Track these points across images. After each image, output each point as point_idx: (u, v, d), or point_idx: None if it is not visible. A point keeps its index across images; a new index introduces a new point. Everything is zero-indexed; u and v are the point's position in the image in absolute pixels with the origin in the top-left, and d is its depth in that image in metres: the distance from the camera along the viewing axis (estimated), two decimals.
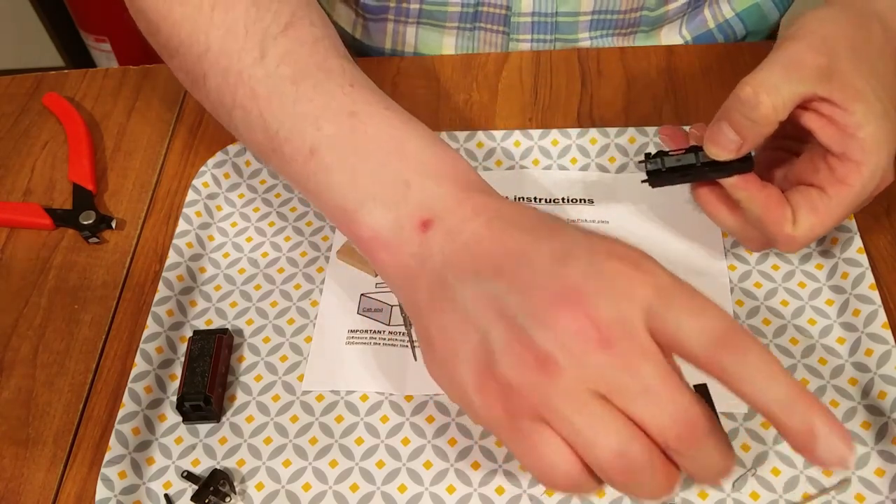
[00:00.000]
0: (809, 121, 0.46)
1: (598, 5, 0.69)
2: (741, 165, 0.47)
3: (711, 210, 0.51)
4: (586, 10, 0.70)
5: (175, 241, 0.59)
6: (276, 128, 0.47)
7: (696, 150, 0.48)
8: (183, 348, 0.55)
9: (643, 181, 0.49)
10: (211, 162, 0.63)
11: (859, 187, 0.46)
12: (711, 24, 0.73)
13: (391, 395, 0.52)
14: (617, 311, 0.36)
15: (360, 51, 0.78)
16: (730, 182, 0.48)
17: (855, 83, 0.45)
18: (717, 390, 0.50)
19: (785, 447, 0.48)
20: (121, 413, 0.51)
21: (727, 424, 0.48)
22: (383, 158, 0.44)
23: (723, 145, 0.47)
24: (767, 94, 0.45)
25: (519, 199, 0.59)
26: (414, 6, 0.72)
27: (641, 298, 0.36)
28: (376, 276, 0.57)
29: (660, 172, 0.49)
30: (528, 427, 0.36)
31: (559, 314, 0.36)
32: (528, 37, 0.71)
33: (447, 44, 0.74)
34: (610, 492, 0.47)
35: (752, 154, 0.48)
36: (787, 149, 0.52)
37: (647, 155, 0.49)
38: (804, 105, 0.46)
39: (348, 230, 0.45)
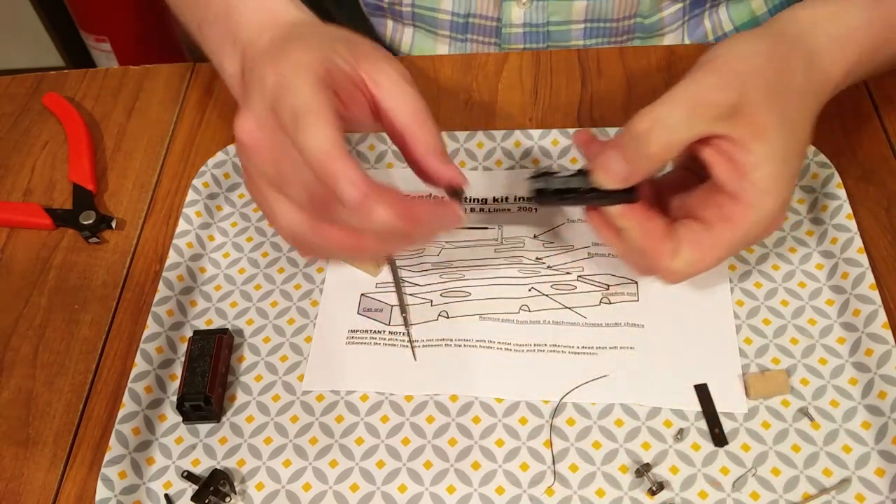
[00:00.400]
0: (707, 155, 0.45)
1: (590, 14, 0.69)
2: (626, 196, 0.46)
3: (598, 231, 0.50)
4: (578, 18, 0.70)
5: (175, 241, 0.59)
6: (188, 16, 0.58)
7: (585, 173, 0.47)
8: (183, 348, 0.55)
9: (528, 198, 0.48)
10: (211, 162, 0.63)
11: (747, 228, 0.45)
12: (710, 38, 0.73)
13: (391, 395, 0.52)
14: (260, 112, 0.44)
15: None
16: (613, 211, 0.47)
17: (761, 122, 0.44)
18: (717, 390, 0.50)
19: (785, 447, 0.48)
20: (121, 413, 0.51)
21: (727, 424, 0.48)
22: (222, 23, 0.52)
23: (611, 174, 0.45)
24: (662, 132, 0.44)
25: (519, 199, 0.59)
26: (406, 8, 0.72)
27: (269, 97, 0.43)
28: (377, 275, 0.57)
29: (545, 192, 0.47)
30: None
31: (236, 128, 0.45)
32: (521, 46, 0.71)
33: (441, 51, 0.74)
34: (609, 492, 0.47)
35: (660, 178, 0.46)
36: (696, 172, 0.50)
37: (536, 173, 0.48)
38: (705, 139, 0.45)
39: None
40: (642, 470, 0.47)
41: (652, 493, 0.46)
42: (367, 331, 0.54)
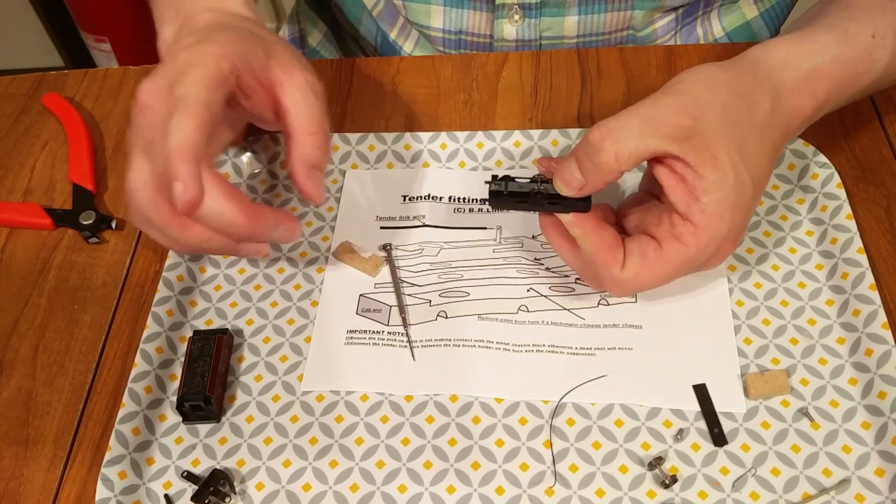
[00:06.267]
0: (663, 176, 0.47)
1: (583, 29, 0.69)
2: (579, 205, 0.48)
3: (553, 242, 0.51)
4: (570, 34, 0.70)
5: None
6: None
7: (543, 181, 0.48)
8: (183, 348, 0.55)
9: (483, 200, 0.50)
10: None
11: (694, 250, 0.46)
12: (702, 43, 0.73)
13: (391, 395, 0.52)
14: (161, 84, 0.47)
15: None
16: (566, 219, 0.48)
17: (714, 149, 0.45)
18: (716, 390, 0.50)
19: (784, 447, 0.48)
20: (121, 413, 0.51)
21: (727, 425, 0.48)
22: None
23: (567, 182, 0.47)
24: (612, 143, 0.45)
25: None
26: (400, 20, 0.72)
27: (173, 74, 0.46)
28: (375, 276, 0.57)
29: (501, 195, 0.49)
30: None
31: (139, 87, 0.47)
32: None
33: None
34: (609, 492, 0.47)
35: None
36: (658, 196, 0.51)
37: (494, 177, 0.49)
38: (660, 160, 0.46)
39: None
40: (655, 463, 0.47)
41: (665, 485, 0.46)
42: (365, 331, 0.54)
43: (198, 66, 0.46)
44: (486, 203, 0.59)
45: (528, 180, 0.49)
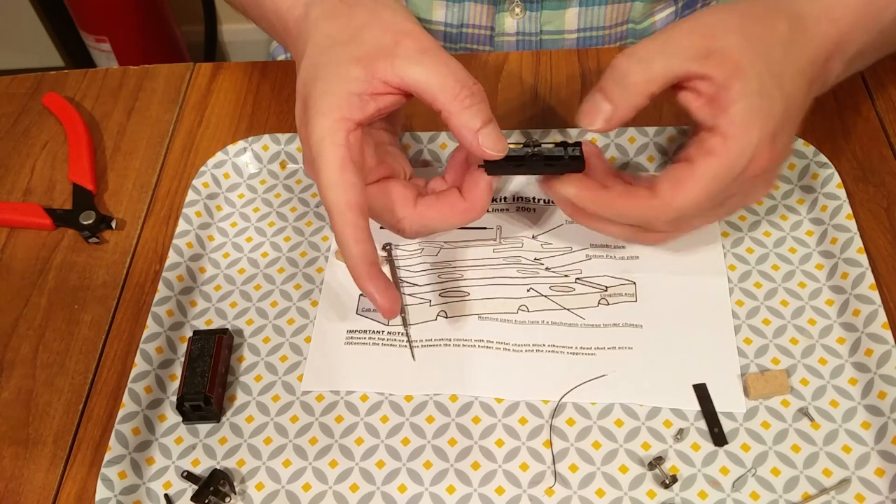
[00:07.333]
0: (689, 100, 0.47)
1: (583, 22, 0.69)
2: (573, 164, 0.48)
3: (576, 217, 0.51)
4: (571, 28, 0.70)
5: (175, 241, 0.59)
6: None
7: (536, 145, 0.49)
8: (183, 348, 0.55)
9: (479, 165, 0.49)
10: (211, 162, 0.63)
11: (726, 160, 0.45)
12: None
13: (391, 395, 0.52)
14: (306, 162, 0.48)
15: None
16: (563, 180, 0.48)
17: (734, 61, 0.45)
18: (716, 390, 0.50)
19: (784, 447, 0.48)
20: (121, 413, 0.51)
21: (727, 425, 0.48)
22: None
23: (593, 116, 0.47)
24: (639, 63, 0.46)
25: (519, 198, 0.59)
26: None
27: (310, 160, 0.46)
28: None
29: (496, 161, 0.48)
30: None
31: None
32: None
33: None
34: (609, 492, 0.47)
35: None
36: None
37: None
38: (684, 85, 0.46)
39: (281, 26, 0.54)
40: (655, 463, 0.47)
41: (665, 485, 0.46)
42: (365, 331, 0.54)
43: (322, 160, 0.44)
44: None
45: (522, 145, 0.49)
